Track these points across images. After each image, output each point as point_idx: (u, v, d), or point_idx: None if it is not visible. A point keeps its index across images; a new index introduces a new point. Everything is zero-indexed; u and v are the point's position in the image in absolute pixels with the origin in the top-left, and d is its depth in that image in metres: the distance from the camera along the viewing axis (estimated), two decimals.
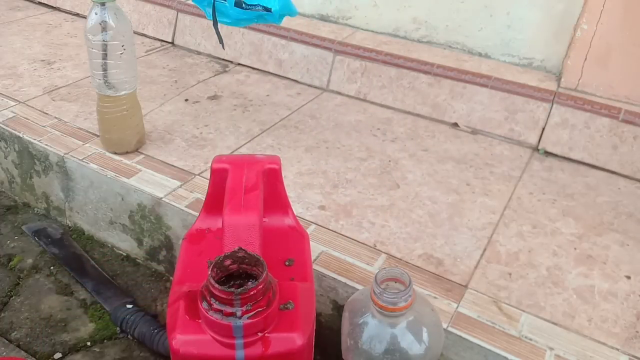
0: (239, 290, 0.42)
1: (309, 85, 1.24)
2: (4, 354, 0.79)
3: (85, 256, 0.95)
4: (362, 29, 1.31)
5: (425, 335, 0.46)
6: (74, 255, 0.95)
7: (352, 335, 0.47)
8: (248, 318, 0.42)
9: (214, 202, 0.58)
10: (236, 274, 0.46)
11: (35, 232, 0.99)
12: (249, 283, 0.45)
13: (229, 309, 0.42)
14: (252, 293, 0.42)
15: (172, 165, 0.94)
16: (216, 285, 0.42)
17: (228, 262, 0.45)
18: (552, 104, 1.03)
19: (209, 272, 0.43)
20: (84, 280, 0.90)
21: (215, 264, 0.44)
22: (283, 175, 0.92)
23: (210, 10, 0.90)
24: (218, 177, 0.55)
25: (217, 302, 0.42)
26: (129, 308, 0.84)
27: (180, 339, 0.44)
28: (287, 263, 0.54)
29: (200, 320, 0.45)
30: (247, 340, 0.43)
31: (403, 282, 0.45)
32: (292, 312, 0.46)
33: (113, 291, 0.88)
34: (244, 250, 0.45)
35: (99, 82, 0.88)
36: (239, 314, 0.42)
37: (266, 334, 0.44)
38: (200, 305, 0.43)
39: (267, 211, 0.55)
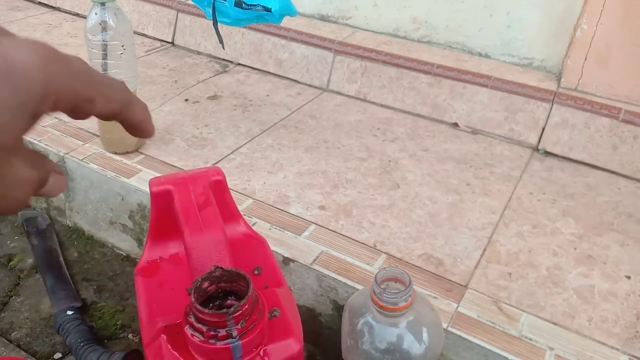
0: (231, 309, 0.40)
1: (309, 85, 1.24)
2: (4, 354, 0.79)
3: (57, 251, 0.94)
4: (362, 29, 1.31)
5: (425, 335, 0.45)
6: (48, 249, 0.94)
7: (352, 335, 0.47)
8: (245, 335, 0.41)
9: (160, 229, 0.53)
10: (214, 295, 0.44)
11: (27, 219, 0.99)
12: (230, 300, 0.44)
13: (223, 332, 0.40)
14: (244, 309, 0.40)
15: (172, 165, 0.94)
16: (205, 311, 0.40)
17: (206, 284, 0.43)
18: (552, 104, 1.03)
19: (192, 299, 0.40)
20: (46, 276, 0.89)
21: (195, 289, 0.41)
22: (283, 176, 0.92)
23: (210, 10, 0.90)
24: (161, 201, 0.50)
25: (209, 328, 0.40)
26: (68, 314, 0.81)
27: None
28: (255, 272, 0.52)
29: (190, 352, 0.42)
30: (248, 358, 0.42)
31: (403, 282, 0.45)
32: (280, 319, 0.45)
33: (66, 293, 0.86)
34: (220, 268, 0.43)
35: None
36: (234, 333, 0.40)
37: (263, 347, 0.43)
38: (190, 336, 0.41)
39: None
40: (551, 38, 1.11)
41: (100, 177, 0.92)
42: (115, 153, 0.96)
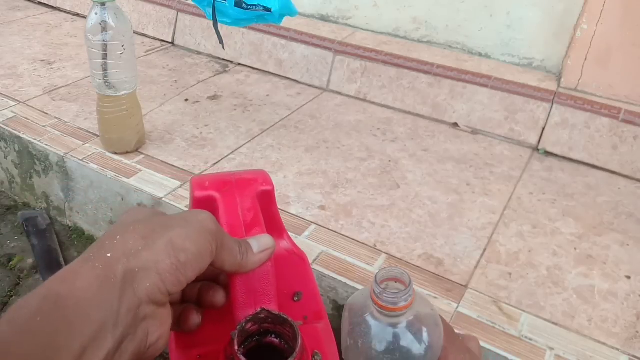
0: None
1: (309, 85, 1.24)
2: None
3: (57, 251, 0.95)
4: (362, 29, 1.31)
5: (425, 335, 0.45)
6: (48, 249, 0.95)
7: (351, 334, 0.46)
8: None
9: None
10: (255, 332, 0.40)
11: (27, 219, 1.00)
12: (270, 337, 0.40)
13: None
14: None
15: (172, 165, 0.94)
16: None
17: (249, 325, 0.39)
18: (552, 104, 1.03)
19: (235, 345, 0.36)
20: (46, 276, 0.90)
21: (239, 332, 0.37)
22: (283, 176, 0.92)
23: (210, 10, 0.90)
24: (202, 207, 0.44)
25: None
26: None
27: None
28: (295, 298, 0.48)
29: None
30: None
31: (403, 282, 0.44)
32: None
33: None
34: (266, 310, 0.39)
35: (99, 82, 0.88)
36: None
37: None
38: None
39: None
40: (551, 38, 1.11)
41: (100, 177, 0.92)
42: (115, 153, 0.96)
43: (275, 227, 0.50)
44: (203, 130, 1.05)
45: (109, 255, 0.31)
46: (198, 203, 0.46)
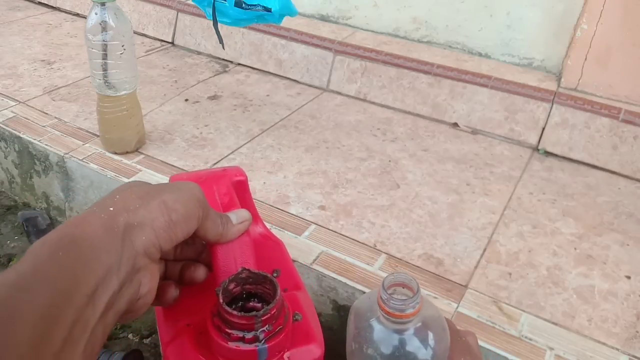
0: (260, 312, 0.39)
1: (309, 85, 1.24)
2: None
3: None
4: (362, 29, 1.31)
5: (432, 341, 0.45)
6: None
7: (357, 339, 0.46)
8: (271, 339, 0.40)
9: None
10: (238, 296, 0.43)
11: (27, 219, 0.99)
12: (252, 302, 0.43)
13: (250, 335, 0.40)
14: (273, 312, 0.40)
15: (172, 165, 0.94)
16: (234, 313, 0.39)
17: (232, 285, 0.43)
18: (552, 104, 1.03)
19: (220, 300, 0.40)
20: None
21: (223, 290, 0.41)
22: (283, 176, 0.92)
23: (210, 10, 0.90)
24: None
25: (236, 330, 0.40)
26: None
27: None
28: (274, 275, 0.52)
29: (213, 354, 0.42)
30: None
31: (411, 288, 0.44)
32: (302, 324, 0.45)
33: None
34: (247, 269, 0.43)
35: (99, 82, 0.88)
36: (261, 337, 0.40)
37: (287, 351, 0.42)
38: (216, 337, 0.40)
39: None
40: (551, 38, 1.11)
41: (100, 177, 0.92)
42: (115, 153, 0.96)
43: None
44: (203, 130, 1.05)
45: (111, 209, 0.35)
46: None
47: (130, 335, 0.82)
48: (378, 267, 0.75)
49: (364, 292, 0.71)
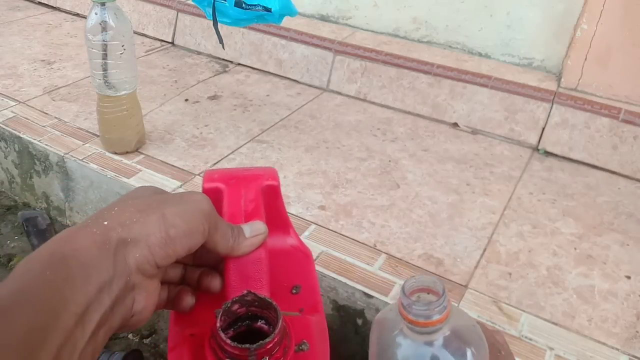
0: (254, 346, 0.37)
1: (309, 85, 1.24)
2: None
3: None
4: (362, 29, 1.31)
5: (469, 354, 0.39)
6: None
7: (381, 356, 0.40)
8: None
9: None
10: (243, 315, 0.41)
11: (27, 219, 0.99)
12: (259, 323, 0.42)
13: None
14: (269, 347, 0.38)
15: (172, 165, 0.94)
16: (228, 341, 0.37)
17: (236, 307, 0.41)
18: (552, 104, 1.03)
19: (218, 324, 0.38)
20: None
21: (224, 312, 0.39)
22: (283, 176, 0.92)
23: (210, 10, 0.90)
24: (211, 198, 0.47)
25: (229, 358, 0.38)
26: None
27: None
28: (293, 291, 0.49)
29: None
30: None
31: (436, 292, 0.38)
32: (307, 354, 0.42)
33: None
34: (252, 293, 0.41)
35: (99, 82, 0.88)
36: None
37: None
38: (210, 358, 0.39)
39: (269, 232, 0.49)
40: (551, 38, 1.11)
41: (100, 177, 0.92)
42: (115, 153, 0.96)
43: (281, 222, 0.52)
44: (203, 130, 1.05)
45: (105, 223, 0.33)
46: (206, 194, 0.48)
47: (130, 335, 0.82)
48: (378, 267, 0.75)
49: (364, 292, 0.71)
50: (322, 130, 1.07)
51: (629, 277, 0.76)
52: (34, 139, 0.98)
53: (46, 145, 0.97)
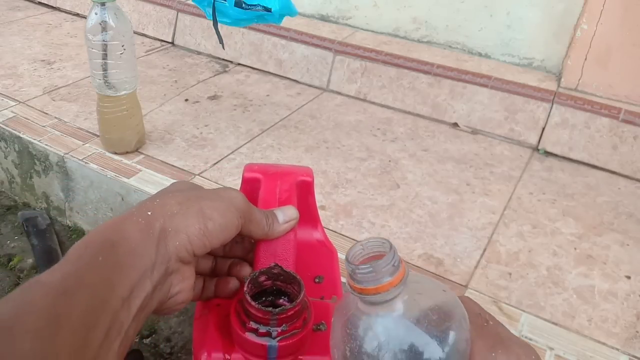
0: (277, 310, 0.40)
1: (309, 85, 1.24)
2: None
3: (57, 251, 0.94)
4: (362, 29, 1.31)
5: (436, 317, 0.31)
6: (48, 249, 0.95)
7: (339, 342, 0.33)
8: (283, 339, 0.41)
9: None
10: (269, 290, 0.44)
11: (27, 219, 0.99)
12: (282, 300, 0.44)
13: (264, 329, 0.41)
14: (290, 314, 0.41)
15: (172, 165, 0.94)
16: (253, 303, 0.40)
17: (263, 278, 0.43)
18: (552, 104, 1.03)
19: (245, 288, 0.41)
20: None
21: (251, 280, 0.42)
22: None
23: (210, 10, 0.90)
24: (249, 187, 0.53)
25: (252, 321, 0.41)
26: None
27: (211, 357, 0.42)
28: (316, 280, 0.52)
29: (231, 338, 0.43)
30: None
31: (385, 253, 0.31)
32: (324, 334, 0.45)
33: None
34: (279, 266, 0.43)
35: (99, 82, 0.88)
36: (274, 334, 0.41)
37: (299, 356, 0.43)
38: (234, 322, 0.42)
39: (298, 224, 0.52)
40: (551, 38, 1.11)
41: (100, 177, 0.92)
42: (115, 153, 0.96)
43: (310, 217, 0.55)
44: (203, 130, 1.05)
45: (149, 213, 0.36)
46: (245, 182, 0.52)
47: None
48: None
49: None
50: (322, 130, 1.07)
51: (629, 277, 0.76)
52: (34, 139, 0.98)
53: (46, 145, 0.97)
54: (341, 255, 0.75)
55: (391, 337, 0.30)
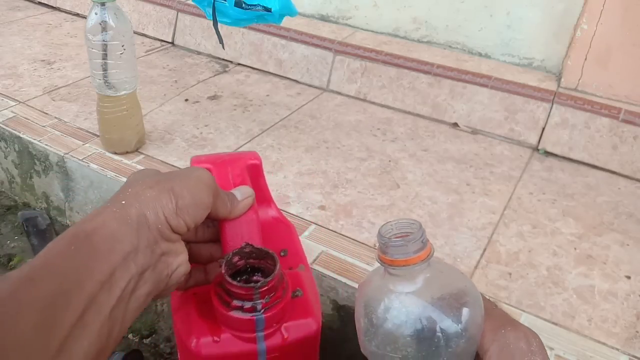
0: (259, 283, 0.42)
1: (309, 85, 1.24)
2: None
3: None
4: (362, 29, 1.31)
5: (456, 293, 0.33)
6: None
7: (365, 316, 0.36)
8: (268, 309, 0.43)
9: None
10: (242, 269, 0.46)
11: (27, 219, 0.99)
12: (256, 276, 0.46)
13: (248, 304, 0.43)
14: (270, 285, 0.43)
15: (172, 165, 0.94)
16: (234, 283, 0.42)
17: (236, 258, 0.45)
18: (552, 104, 1.03)
19: (223, 270, 0.43)
20: None
21: (226, 262, 0.44)
22: (283, 176, 0.92)
23: (210, 10, 0.90)
24: None
25: (236, 300, 0.43)
26: None
27: (201, 342, 0.44)
28: (282, 254, 0.55)
29: (216, 321, 0.45)
30: (268, 332, 0.44)
31: (413, 232, 0.34)
32: (302, 299, 0.48)
33: None
34: (250, 245, 0.46)
35: (99, 82, 0.88)
36: (259, 307, 0.43)
37: (284, 323, 0.45)
38: (218, 305, 0.44)
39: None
40: (551, 38, 1.11)
41: (100, 177, 0.92)
42: (115, 153, 0.96)
43: (263, 197, 0.59)
44: (203, 130, 1.05)
45: (123, 202, 0.37)
46: None
47: (130, 335, 0.82)
48: (378, 266, 0.75)
49: None
50: (322, 130, 1.07)
51: (629, 277, 0.76)
52: (34, 139, 0.98)
53: (46, 145, 0.97)
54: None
55: (413, 308, 0.33)
